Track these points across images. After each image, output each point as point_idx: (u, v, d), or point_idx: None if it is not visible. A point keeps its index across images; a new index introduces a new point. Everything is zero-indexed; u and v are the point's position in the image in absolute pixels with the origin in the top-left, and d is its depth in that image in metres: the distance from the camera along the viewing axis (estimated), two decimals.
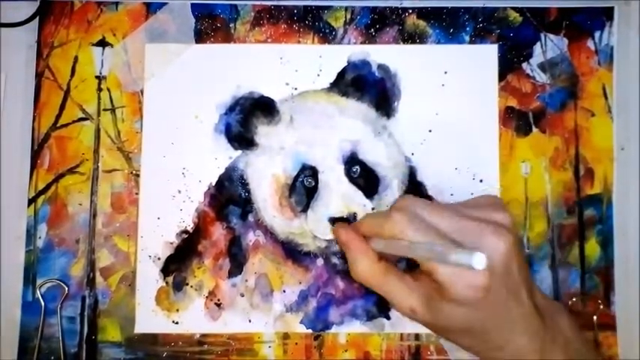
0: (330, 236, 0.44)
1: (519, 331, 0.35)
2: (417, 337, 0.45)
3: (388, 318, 0.45)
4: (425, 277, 0.35)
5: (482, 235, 0.34)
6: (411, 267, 0.39)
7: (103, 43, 0.46)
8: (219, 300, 0.45)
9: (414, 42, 0.47)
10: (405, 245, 0.33)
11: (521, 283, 0.35)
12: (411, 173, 0.45)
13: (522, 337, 0.35)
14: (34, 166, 0.45)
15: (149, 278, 0.45)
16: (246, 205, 0.45)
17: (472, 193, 0.45)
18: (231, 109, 0.46)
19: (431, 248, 0.32)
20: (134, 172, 0.46)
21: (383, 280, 0.36)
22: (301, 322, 0.45)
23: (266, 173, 0.45)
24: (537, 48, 0.47)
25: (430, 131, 0.46)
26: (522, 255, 0.36)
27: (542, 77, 0.46)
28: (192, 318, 0.45)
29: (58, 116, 0.46)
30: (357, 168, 0.44)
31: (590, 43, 0.47)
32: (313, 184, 0.44)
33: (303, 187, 0.45)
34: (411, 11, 0.47)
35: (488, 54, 0.46)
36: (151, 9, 0.47)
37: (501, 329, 0.35)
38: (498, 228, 0.34)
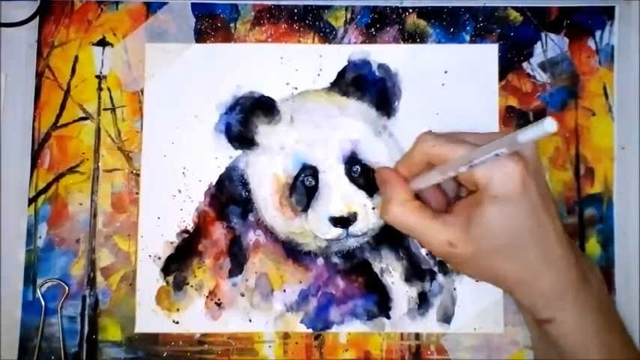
0: (331, 236, 0.44)
1: (554, 259, 0.35)
2: (417, 336, 0.45)
3: (388, 317, 0.45)
4: (459, 205, 0.35)
5: (508, 135, 0.33)
6: None
7: (103, 43, 0.46)
8: (219, 299, 0.45)
9: (414, 41, 0.47)
10: (450, 162, 0.34)
11: (550, 194, 0.35)
12: None
13: (557, 267, 0.35)
14: (34, 165, 0.45)
15: (149, 278, 0.45)
16: (246, 204, 0.45)
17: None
18: (231, 109, 0.46)
19: (482, 149, 0.32)
20: (134, 171, 0.46)
21: (415, 216, 0.36)
22: (302, 322, 0.45)
23: (266, 173, 0.45)
24: (538, 47, 0.47)
25: (430, 131, 0.46)
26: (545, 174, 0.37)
27: (542, 77, 0.46)
28: (192, 318, 0.45)
29: (59, 116, 0.46)
30: (357, 167, 0.44)
31: (590, 43, 0.47)
32: (314, 183, 0.44)
33: (304, 187, 0.45)
34: (411, 11, 0.47)
35: (488, 53, 0.46)
36: (151, 9, 0.47)
37: (538, 249, 0.34)
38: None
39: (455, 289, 0.45)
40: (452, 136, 0.36)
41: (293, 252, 0.45)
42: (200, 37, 0.46)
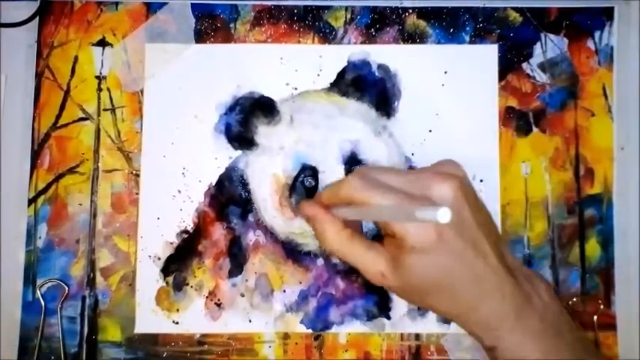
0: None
1: (489, 291, 0.34)
2: (417, 337, 0.45)
3: (389, 318, 0.45)
4: (389, 241, 0.35)
5: (430, 183, 0.34)
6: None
7: (103, 43, 0.46)
8: (219, 300, 0.45)
9: (414, 42, 0.47)
10: (365, 209, 0.34)
11: (479, 232, 0.34)
12: None
13: (493, 297, 0.34)
14: (34, 166, 0.45)
15: (149, 278, 0.45)
16: (246, 205, 0.45)
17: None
18: (231, 109, 0.46)
19: (392, 209, 0.33)
20: (134, 172, 0.46)
21: (350, 246, 0.36)
22: (301, 322, 0.45)
23: (266, 173, 0.45)
24: (537, 48, 0.47)
25: (430, 131, 0.46)
26: (477, 205, 0.36)
27: (542, 77, 0.46)
28: (192, 318, 0.45)
29: (58, 116, 0.46)
30: (357, 168, 0.44)
31: (590, 43, 0.47)
32: (313, 184, 0.44)
33: (304, 187, 0.45)
34: (411, 11, 0.47)
35: (488, 54, 0.46)
36: (151, 9, 0.47)
37: (469, 286, 0.34)
38: (445, 175, 0.34)
39: None
40: (376, 181, 0.35)
41: (293, 252, 0.45)
42: (200, 37, 0.46)
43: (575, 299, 0.45)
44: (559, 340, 0.36)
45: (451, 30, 0.47)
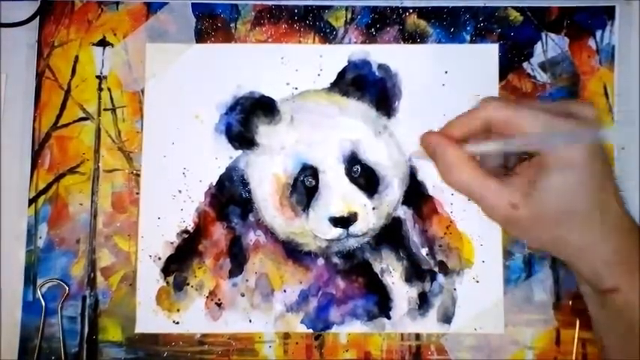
0: (331, 236, 0.44)
1: (618, 224, 0.34)
2: (417, 337, 0.45)
3: (389, 318, 0.45)
4: (522, 168, 0.34)
5: (570, 106, 0.33)
6: None
7: (103, 43, 0.46)
8: (219, 300, 0.45)
9: (414, 42, 0.47)
10: (510, 137, 0.32)
11: (612, 180, 0.34)
12: (412, 173, 0.45)
13: (621, 231, 0.34)
14: (34, 166, 0.45)
15: (150, 278, 0.45)
16: (246, 204, 0.45)
17: None
18: (231, 109, 0.46)
19: (543, 134, 0.32)
20: (135, 171, 0.46)
21: (477, 178, 0.34)
22: (302, 322, 0.45)
23: (266, 173, 0.45)
24: (538, 47, 0.47)
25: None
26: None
27: (542, 76, 0.46)
28: (192, 318, 0.45)
29: (59, 116, 0.46)
30: (357, 167, 0.44)
31: (591, 43, 0.47)
32: (314, 183, 0.44)
33: (304, 187, 0.45)
34: (411, 11, 0.47)
35: (488, 53, 0.46)
36: (151, 9, 0.47)
37: (603, 215, 0.33)
38: (583, 102, 0.35)
39: (455, 289, 0.45)
40: (521, 103, 0.34)
41: (293, 252, 0.45)
42: (200, 37, 0.46)
43: (575, 299, 0.45)
44: None
45: (452, 30, 0.47)
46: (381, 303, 0.45)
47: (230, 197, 0.45)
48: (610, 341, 0.37)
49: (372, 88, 0.46)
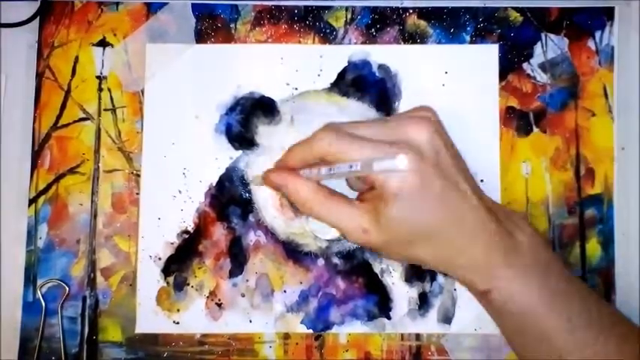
0: (331, 236, 0.44)
1: (474, 231, 0.34)
2: (417, 337, 0.45)
3: (389, 318, 0.45)
4: (368, 195, 0.35)
5: (406, 128, 0.34)
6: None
7: (103, 43, 0.46)
8: (219, 300, 0.45)
9: (414, 42, 0.47)
10: (331, 167, 0.34)
11: (458, 173, 0.34)
12: None
13: (479, 237, 0.34)
14: (34, 166, 0.45)
15: (150, 278, 0.45)
16: (246, 205, 0.45)
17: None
18: (231, 110, 0.46)
19: (352, 165, 0.32)
20: (135, 172, 0.46)
21: (328, 204, 0.35)
22: (302, 322, 0.45)
23: None
24: (538, 48, 0.47)
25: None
26: (452, 145, 0.36)
27: (542, 77, 0.46)
28: (192, 318, 0.45)
29: (59, 116, 0.46)
30: None
31: (590, 43, 0.47)
32: None
33: None
34: (411, 11, 0.47)
35: (488, 54, 0.46)
36: (151, 9, 0.47)
37: (454, 228, 0.34)
38: (419, 118, 0.35)
39: (455, 289, 0.45)
40: (350, 134, 0.35)
41: (293, 252, 0.45)
42: (200, 37, 0.46)
43: None
44: (550, 273, 0.35)
45: (452, 30, 0.47)
46: (381, 303, 0.45)
47: (230, 198, 0.45)
48: (507, 338, 0.38)
49: (372, 89, 0.46)
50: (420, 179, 0.32)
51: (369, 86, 0.46)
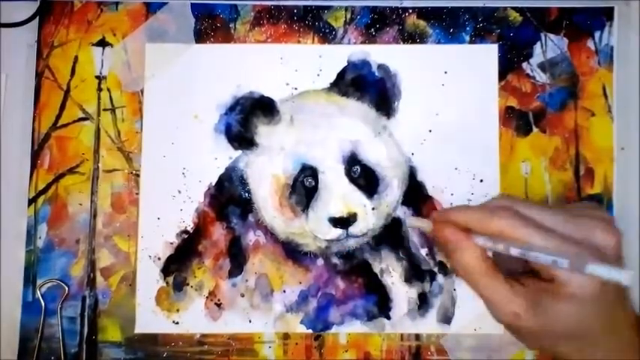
0: (330, 236, 0.44)
1: (626, 344, 0.34)
2: (417, 337, 0.45)
3: (389, 318, 0.45)
4: (531, 281, 0.34)
5: (594, 230, 0.33)
6: None
7: (103, 43, 0.46)
8: (219, 300, 0.45)
9: (414, 42, 0.47)
10: (522, 246, 0.32)
11: (625, 308, 0.34)
12: (411, 173, 0.45)
13: (628, 351, 0.34)
14: (34, 166, 0.45)
15: (149, 278, 0.45)
16: (246, 205, 0.45)
17: (472, 194, 0.45)
18: (231, 109, 0.46)
19: (558, 260, 0.31)
20: (134, 172, 0.46)
21: (489, 279, 0.34)
22: (301, 322, 0.45)
23: (266, 173, 0.45)
24: (537, 48, 0.47)
25: (430, 131, 0.46)
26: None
27: (542, 77, 0.46)
28: (192, 318, 0.45)
29: (58, 116, 0.46)
30: (357, 168, 0.44)
31: (590, 43, 0.47)
32: (313, 184, 0.44)
33: (303, 187, 0.45)
34: (411, 11, 0.47)
35: (488, 54, 0.46)
36: (151, 9, 0.47)
37: (609, 337, 0.33)
38: (607, 224, 0.34)
39: (455, 289, 0.45)
40: (532, 220, 0.33)
41: (293, 252, 0.45)
42: (200, 37, 0.46)
43: None
44: None
45: (451, 30, 0.47)
46: (380, 303, 0.45)
47: (230, 197, 0.45)
48: None
49: (371, 89, 0.46)
50: (601, 289, 0.32)
51: (368, 86, 0.46)
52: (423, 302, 0.45)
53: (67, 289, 0.44)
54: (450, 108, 0.46)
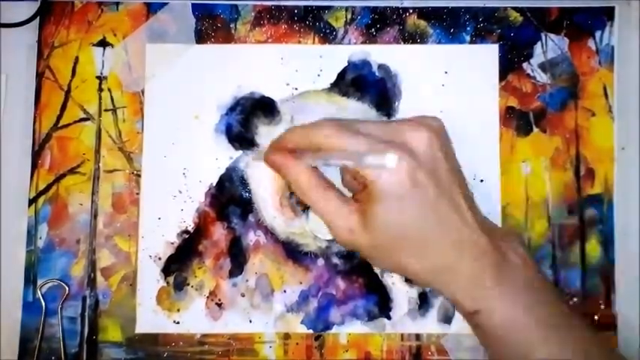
0: (331, 236, 0.44)
1: (466, 248, 0.33)
2: (417, 337, 0.45)
3: (389, 318, 0.45)
4: (361, 194, 0.34)
5: (405, 130, 0.34)
6: None
7: (103, 44, 0.46)
8: (219, 300, 0.45)
9: (414, 42, 0.47)
10: (326, 154, 0.33)
11: (454, 185, 0.34)
12: None
13: (470, 254, 0.33)
14: (34, 166, 0.45)
15: (150, 278, 0.45)
16: (246, 205, 0.45)
17: (472, 194, 0.45)
18: (231, 110, 0.46)
19: (346, 154, 0.32)
20: (135, 172, 0.46)
21: (320, 195, 0.35)
22: (302, 323, 0.45)
23: (267, 173, 0.45)
24: (538, 48, 0.47)
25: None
26: (453, 158, 0.35)
27: (542, 77, 0.46)
28: (192, 318, 0.45)
29: (59, 117, 0.46)
30: None
31: (590, 43, 0.47)
32: None
33: None
34: (411, 11, 0.47)
35: (488, 54, 0.46)
36: (151, 9, 0.47)
37: (444, 241, 0.33)
38: (422, 124, 0.34)
39: None
40: (351, 127, 0.35)
41: (293, 252, 0.45)
42: (200, 37, 0.46)
43: (575, 299, 0.45)
44: (540, 295, 0.34)
45: (451, 30, 0.47)
46: (381, 303, 0.45)
47: (230, 197, 0.45)
48: (491, 358, 0.36)
49: (372, 89, 0.46)
50: (411, 182, 0.32)
51: (369, 86, 0.46)
52: (424, 302, 0.45)
53: (67, 289, 0.44)
54: (450, 108, 0.46)
